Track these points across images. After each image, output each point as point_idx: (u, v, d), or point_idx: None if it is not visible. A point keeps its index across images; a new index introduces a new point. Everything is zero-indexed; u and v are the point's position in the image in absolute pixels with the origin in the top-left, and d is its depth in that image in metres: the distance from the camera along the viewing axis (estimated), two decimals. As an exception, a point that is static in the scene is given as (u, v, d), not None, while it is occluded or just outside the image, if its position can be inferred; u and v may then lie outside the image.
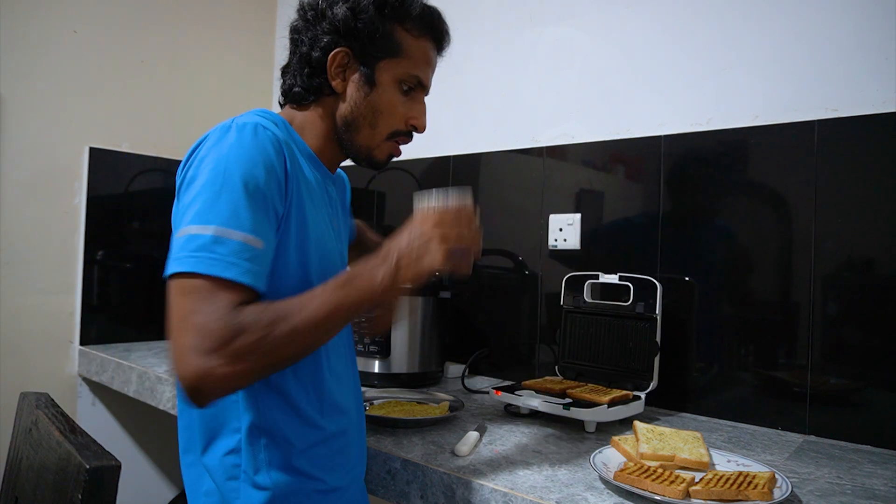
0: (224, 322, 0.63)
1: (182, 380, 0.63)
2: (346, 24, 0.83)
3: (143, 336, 2.04)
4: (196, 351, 0.62)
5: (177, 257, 0.66)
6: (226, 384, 0.64)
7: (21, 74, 1.78)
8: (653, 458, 0.93)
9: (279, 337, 0.65)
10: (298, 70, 0.87)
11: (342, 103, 0.87)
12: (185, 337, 0.63)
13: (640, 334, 1.28)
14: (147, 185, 2.04)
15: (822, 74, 1.21)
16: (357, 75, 0.86)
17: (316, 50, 0.85)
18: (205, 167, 0.72)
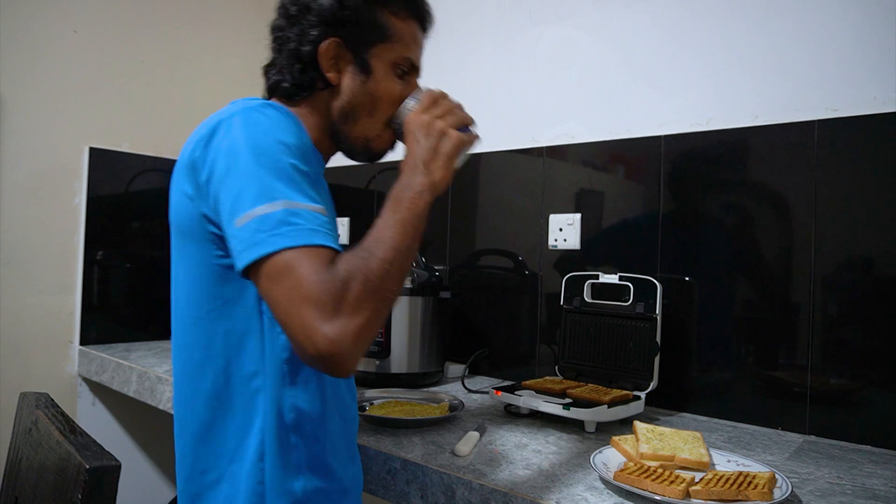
0: (328, 282, 0.61)
1: (319, 354, 0.60)
2: (334, 14, 0.82)
3: (143, 336, 2.04)
4: (320, 320, 0.60)
5: (256, 241, 0.63)
6: (360, 338, 0.62)
7: (21, 74, 1.78)
8: (653, 458, 0.93)
9: (378, 273, 0.64)
10: (287, 66, 0.85)
11: (338, 95, 0.85)
12: (303, 312, 0.61)
13: (640, 334, 1.28)
14: (147, 185, 2.04)
15: (822, 74, 1.21)
16: (351, 65, 0.84)
17: (305, 44, 0.83)
18: (240, 151, 0.68)
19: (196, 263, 0.77)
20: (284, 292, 0.62)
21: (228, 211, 0.67)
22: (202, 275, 0.77)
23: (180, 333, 0.82)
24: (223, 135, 0.71)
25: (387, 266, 0.65)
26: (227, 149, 0.69)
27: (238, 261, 0.65)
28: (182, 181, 0.76)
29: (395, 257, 0.66)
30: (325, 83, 0.85)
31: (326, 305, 0.60)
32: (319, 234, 0.64)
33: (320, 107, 0.86)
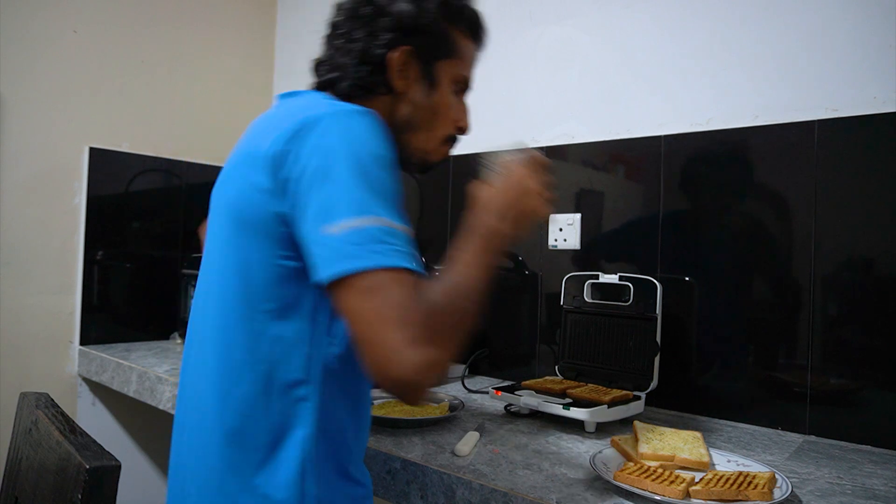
0: (419, 310, 0.62)
1: (400, 378, 0.60)
2: (411, 22, 0.82)
3: (143, 336, 2.04)
4: (407, 345, 0.60)
5: (349, 253, 0.61)
6: (440, 369, 0.63)
7: (21, 74, 1.78)
8: (653, 458, 0.93)
9: (459, 307, 0.66)
10: (351, 66, 0.83)
11: (401, 103, 0.84)
12: (390, 334, 0.60)
13: (640, 334, 1.28)
14: (147, 185, 2.04)
15: (822, 74, 1.21)
16: (418, 75, 0.84)
17: (375, 47, 0.82)
18: (338, 156, 0.66)
19: (255, 260, 0.72)
20: (374, 311, 0.61)
21: (316, 216, 0.64)
22: (260, 273, 0.72)
23: (217, 331, 0.76)
24: (319, 135, 0.67)
25: (472, 306, 0.67)
26: (324, 152, 0.66)
27: (323, 269, 0.63)
28: (255, 173, 0.71)
29: (479, 299, 0.69)
30: (388, 89, 0.83)
31: (416, 332, 0.60)
32: (411, 259, 0.64)
33: (379, 112, 0.82)
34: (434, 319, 0.62)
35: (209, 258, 0.82)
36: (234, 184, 0.76)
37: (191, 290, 1.99)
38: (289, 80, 2.38)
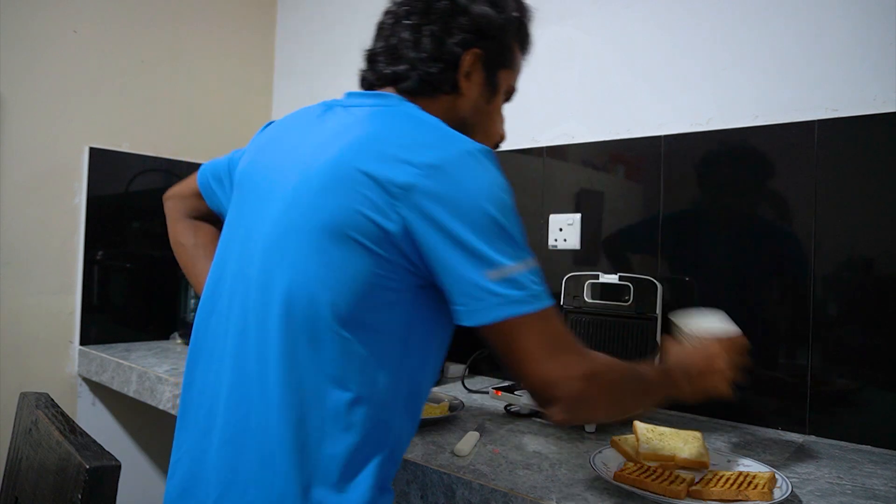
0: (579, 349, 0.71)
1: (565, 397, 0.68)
2: (487, 26, 0.82)
3: (143, 336, 2.04)
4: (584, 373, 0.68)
5: (518, 299, 0.66)
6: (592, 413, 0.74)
7: (21, 74, 1.78)
8: (653, 458, 0.93)
9: (626, 388, 0.75)
10: (421, 61, 0.81)
11: (462, 104, 0.84)
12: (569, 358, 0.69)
13: (640, 334, 1.28)
14: (147, 185, 2.04)
15: (822, 74, 1.21)
16: (482, 79, 0.85)
17: (450, 44, 0.81)
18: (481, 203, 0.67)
19: (354, 276, 0.69)
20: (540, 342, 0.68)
21: (473, 262, 0.66)
22: (360, 290, 0.69)
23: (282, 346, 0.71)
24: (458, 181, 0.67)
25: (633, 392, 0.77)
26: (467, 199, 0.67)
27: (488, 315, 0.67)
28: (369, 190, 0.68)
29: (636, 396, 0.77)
30: (452, 88, 0.83)
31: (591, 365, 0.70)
32: (549, 296, 0.70)
33: (441, 110, 0.82)
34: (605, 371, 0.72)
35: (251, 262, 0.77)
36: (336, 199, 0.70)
37: (191, 290, 2.00)
38: (289, 80, 2.38)
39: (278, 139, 0.85)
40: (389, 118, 0.75)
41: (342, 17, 2.17)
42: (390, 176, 0.67)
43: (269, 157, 0.84)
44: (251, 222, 0.80)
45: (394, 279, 0.69)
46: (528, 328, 0.67)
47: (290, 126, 0.86)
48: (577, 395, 0.68)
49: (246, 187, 0.85)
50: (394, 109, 0.78)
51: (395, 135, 0.71)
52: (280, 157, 0.81)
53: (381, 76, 0.84)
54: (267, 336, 0.73)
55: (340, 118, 0.79)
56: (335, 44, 2.20)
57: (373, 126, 0.74)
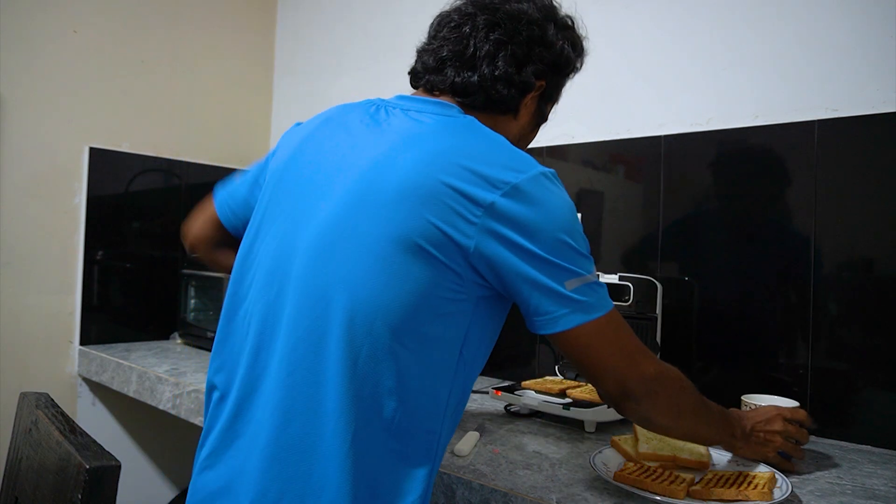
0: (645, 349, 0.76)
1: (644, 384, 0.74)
2: (563, 65, 0.86)
3: (143, 336, 2.04)
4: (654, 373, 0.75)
5: (591, 304, 0.71)
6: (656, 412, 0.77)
7: (21, 74, 1.78)
8: (653, 458, 0.93)
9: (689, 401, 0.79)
10: (495, 80, 0.81)
11: (513, 128, 0.87)
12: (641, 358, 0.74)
13: (640, 334, 1.28)
14: (147, 185, 2.04)
15: (822, 74, 1.21)
16: (535, 108, 0.88)
17: (528, 72, 0.82)
18: (556, 223, 0.70)
19: (418, 285, 0.68)
20: (616, 341, 0.73)
21: (552, 275, 0.70)
22: (422, 300, 0.69)
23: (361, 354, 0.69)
24: (538, 202, 0.70)
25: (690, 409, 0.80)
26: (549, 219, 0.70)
27: (570, 321, 0.71)
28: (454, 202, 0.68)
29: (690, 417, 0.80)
30: (512, 111, 0.85)
31: (647, 360, 0.75)
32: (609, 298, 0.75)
33: (494, 128, 0.81)
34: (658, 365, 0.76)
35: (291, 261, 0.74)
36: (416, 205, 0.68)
37: (191, 290, 2.00)
38: (289, 80, 2.38)
39: (319, 139, 0.81)
40: (462, 131, 0.75)
41: (342, 17, 2.17)
42: (473, 191, 0.68)
43: (309, 156, 0.80)
44: (290, 223, 0.76)
45: (457, 290, 0.70)
46: (602, 331, 0.72)
47: (333, 125, 0.83)
48: (646, 392, 0.74)
49: (282, 187, 0.81)
50: (461, 121, 0.77)
51: (474, 150, 0.71)
52: (325, 158, 0.78)
53: (451, 84, 0.81)
54: (325, 345, 0.70)
55: (403, 124, 0.76)
56: (335, 44, 2.20)
57: (449, 138, 0.73)
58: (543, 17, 0.84)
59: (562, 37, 0.86)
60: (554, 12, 0.87)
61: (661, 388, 0.75)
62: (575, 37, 0.89)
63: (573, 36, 0.89)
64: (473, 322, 0.73)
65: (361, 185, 0.71)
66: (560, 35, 0.85)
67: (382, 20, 2.02)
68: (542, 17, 0.84)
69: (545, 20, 0.84)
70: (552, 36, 0.84)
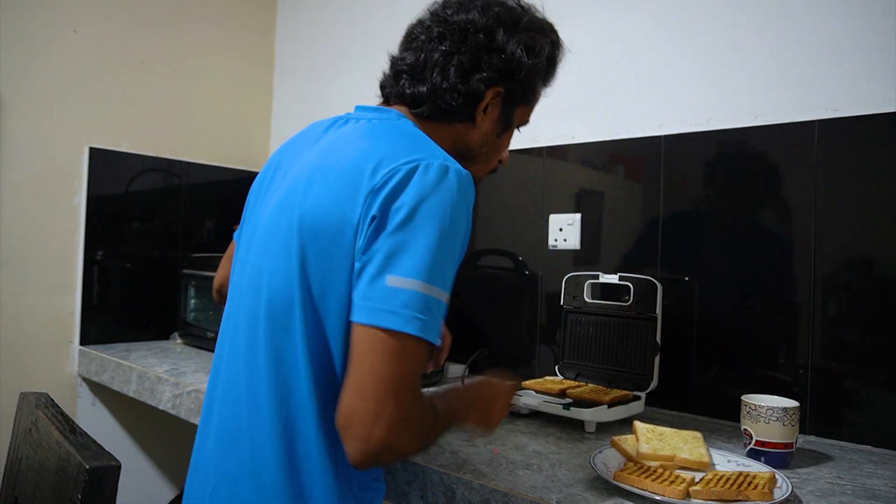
0: (423, 406, 0.69)
1: (369, 442, 0.64)
2: (518, 69, 0.83)
3: (143, 336, 2.04)
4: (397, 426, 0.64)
5: (401, 313, 0.65)
6: (396, 458, 0.68)
7: (21, 74, 1.78)
8: (653, 458, 0.92)
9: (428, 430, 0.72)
10: (442, 90, 0.82)
11: (472, 134, 0.86)
12: (393, 407, 0.64)
13: (640, 334, 1.28)
14: (147, 185, 2.04)
15: (822, 74, 1.21)
16: (497, 114, 0.86)
17: (476, 80, 0.82)
18: (429, 215, 0.67)
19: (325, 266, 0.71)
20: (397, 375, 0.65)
21: (385, 260, 0.66)
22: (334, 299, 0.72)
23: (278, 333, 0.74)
24: (420, 185, 0.68)
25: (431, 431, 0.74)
26: (418, 201, 0.68)
27: (367, 314, 0.66)
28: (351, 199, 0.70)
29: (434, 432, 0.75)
30: (466, 118, 0.85)
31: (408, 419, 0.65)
32: (437, 332, 0.68)
33: (448, 137, 0.85)
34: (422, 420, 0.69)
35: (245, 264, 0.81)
36: (321, 198, 0.73)
37: (191, 290, 2.00)
38: (289, 80, 2.38)
39: (286, 153, 0.89)
40: (376, 131, 0.79)
41: (342, 17, 2.17)
42: (366, 180, 0.70)
43: (273, 170, 0.88)
44: (251, 230, 0.84)
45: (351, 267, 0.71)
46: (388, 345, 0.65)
47: (299, 141, 0.89)
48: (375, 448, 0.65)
49: (252, 200, 0.90)
50: (389, 124, 0.81)
51: (378, 146, 0.74)
52: (283, 170, 0.85)
53: (401, 94, 0.85)
54: (255, 330, 0.76)
55: (342, 131, 0.82)
56: (335, 44, 2.20)
57: (358, 139, 0.77)
58: (493, 23, 0.82)
59: (516, 41, 0.83)
60: (506, 17, 0.84)
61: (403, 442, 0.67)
62: (533, 39, 0.84)
63: (531, 38, 0.84)
64: None
65: (291, 185, 0.78)
66: (513, 40, 0.82)
67: (382, 20, 2.02)
68: (491, 24, 0.82)
69: (494, 26, 0.82)
70: (501, 41, 0.82)
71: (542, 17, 0.89)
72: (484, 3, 0.84)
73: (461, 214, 0.70)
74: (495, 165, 0.94)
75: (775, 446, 0.98)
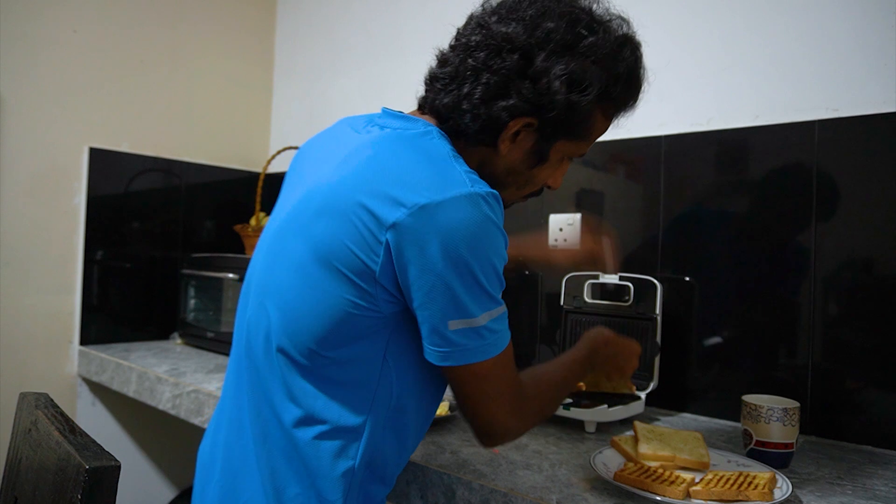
0: (518, 390, 0.75)
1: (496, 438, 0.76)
2: (551, 104, 0.70)
3: (143, 336, 2.04)
4: (508, 415, 0.73)
5: (469, 348, 0.69)
6: (520, 434, 0.78)
7: (21, 74, 1.78)
8: (653, 459, 0.92)
9: (543, 403, 0.81)
10: (466, 112, 0.73)
11: (500, 161, 0.77)
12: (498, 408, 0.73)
13: (640, 334, 1.28)
14: (147, 185, 2.04)
15: (822, 74, 1.21)
16: (530, 146, 0.75)
17: (499, 107, 0.71)
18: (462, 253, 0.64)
19: (335, 304, 0.70)
20: (488, 390, 0.72)
21: (442, 308, 0.67)
22: (338, 318, 0.70)
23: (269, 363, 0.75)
24: (447, 216, 0.64)
25: (548, 401, 0.82)
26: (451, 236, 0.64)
27: (446, 359, 0.69)
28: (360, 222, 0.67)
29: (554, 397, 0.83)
30: (491, 142, 0.75)
31: (514, 406, 0.74)
32: (507, 336, 0.72)
33: (474, 157, 0.77)
34: (528, 402, 0.76)
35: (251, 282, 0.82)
36: (329, 224, 0.69)
37: (191, 290, 2.00)
38: (289, 80, 2.38)
39: (308, 156, 0.85)
40: (395, 147, 0.71)
41: (342, 17, 2.17)
42: (382, 214, 0.66)
43: (294, 176, 0.85)
44: (261, 242, 0.83)
45: (369, 308, 0.70)
46: (472, 375, 0.71)
47: (322, 142, 0.85)
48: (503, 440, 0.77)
49: (282, 191, 0.87)
50: (406, 135, 0.73)
51: (395, 168, 0.68)
52: (301, 177, 0.82)
53: (432, 105, 0.77)
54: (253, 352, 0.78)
55: (361, 138, 0.76)
56: (335, 44, 2.20)
57: (375, 155, 0.71)
58: (536, 42, 0.70)
59: (559, 71, 0.69)
60: (559, 36, 0.70)
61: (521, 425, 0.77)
62: (585, 70, 0.70)
63: (582, 68, 0.70)
64: (392, 339, 0.73)
65: (300, 201, 0.75)
66: (557, 67, 0.69)
67: (382, 20, 2.02)
68: (532, 44, 0.70)
69: (536, 47, 0.70)
70: (540, 68, 0.70)
71: (620, 35, 0.74)
72: (539, 11, 0.71)
73: (489, 235, 0.66)
74: (534, 191, 0.84)
75: (775, 446, 0.98)
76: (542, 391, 0.80)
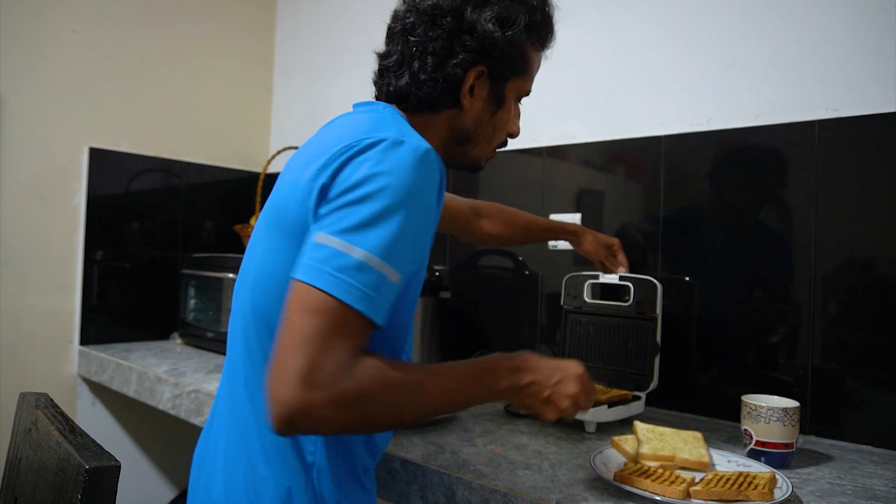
0: (341, 365, 0.60)
1: (275, 403, 0.60)
2: (493, 44, 0.79)
3: (143, 336, 2.04)
4: (302, 381, 0.59)
5: (317, 268, 0.63)
6: (317, 426, 0.62)
7: (21, 74, 1.78)
8: (653, 459, 0.92)
9: (387, 404, 0.64)
10: (423, 81, 0.80)
11: (464, 117, 0.84)
12: (296, 360, 0.60)
13: (640, 334, 1.28)
14: (147, 185, 2.04)
15: (822, 74, 1.21)
16: (486, 93, 0.83)
17: (453, 65, 0.79)
18: (374, 185, 0.65)
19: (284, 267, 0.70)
20: (302, 331, 0.61)
21: (335, 222, 0.65)
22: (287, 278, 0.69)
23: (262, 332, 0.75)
24: (378, 157, 0.67)
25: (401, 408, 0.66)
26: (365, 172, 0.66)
27: (302, 271, 0.64)
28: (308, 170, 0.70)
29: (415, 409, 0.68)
30: (454, 103, 0.82)
31: (318, 375, 0.59)
32: (368, 302, 0.63)
33: (442, 125, 0.84)
34: (349, 385, 0.60)
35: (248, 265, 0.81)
36: (286, 186, 0.74)
37: (191, 290, 2.00)
38: (289, 80, 2.38)
39: None
40: (360, 121, 0.76)
41: (342, 17, 2.17)
42: (320, 163, 0.69)
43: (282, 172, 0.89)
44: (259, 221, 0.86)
45: None
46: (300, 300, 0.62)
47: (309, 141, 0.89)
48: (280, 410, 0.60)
49: None
50: (371, 115, 0.78)
51: (355, 131, 0.72)
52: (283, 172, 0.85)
53: (388, 92, 0.84)
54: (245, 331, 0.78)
55: (329, 125, 0.82)
56: (335, 44, 2.20)
57: (341, 126, 0.77)
58: (460, 3, 0.79)
59: (487, 17, 0.79)
60: None
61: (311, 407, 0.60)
62: (507, 9, 0.80)
63: (504, 9, 0.80)
64: None
65: (277, 188, 0.78)
66: (483, 16, 0.79)
67: (382, 20, 2.02)
68: (458, 4, 0.79)
69: (461, 5, 0.79)
70: (471, 20, 0.79)
71: None
72: None
73: (419, 190, 0.67)
74: (501, 141, 0.90)
75: (775, 446, 0.98)
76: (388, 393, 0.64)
